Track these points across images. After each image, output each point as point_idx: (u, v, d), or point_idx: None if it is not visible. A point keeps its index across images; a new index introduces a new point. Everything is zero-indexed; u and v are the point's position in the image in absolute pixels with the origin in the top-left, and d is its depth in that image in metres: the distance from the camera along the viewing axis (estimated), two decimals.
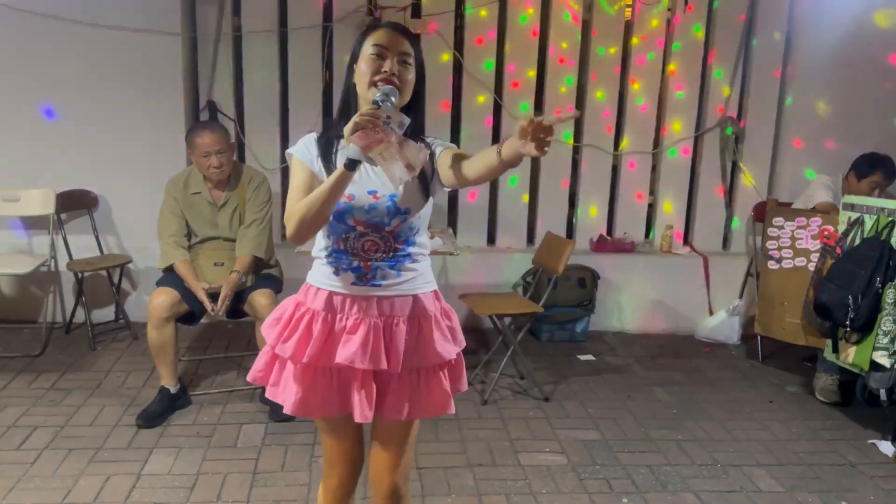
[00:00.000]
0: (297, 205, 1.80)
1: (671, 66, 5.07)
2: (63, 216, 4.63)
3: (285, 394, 1.91)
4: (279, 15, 4.78)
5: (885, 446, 3.47)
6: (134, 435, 3.37)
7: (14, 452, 3.18)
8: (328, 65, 4.83)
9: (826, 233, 4.00)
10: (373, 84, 1.81)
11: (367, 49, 1.84)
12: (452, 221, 5.19)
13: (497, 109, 5.03)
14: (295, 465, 3.15)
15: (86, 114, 4.62)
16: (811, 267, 4.17)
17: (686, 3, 4.87)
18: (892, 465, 3.36)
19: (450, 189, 1.99)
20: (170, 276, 3.60)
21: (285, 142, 4.97)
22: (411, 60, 1.86)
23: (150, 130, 4.66)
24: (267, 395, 1.97)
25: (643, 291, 5.14)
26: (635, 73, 5.07)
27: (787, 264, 4.40)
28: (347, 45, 4.97)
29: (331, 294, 1.89)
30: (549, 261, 4.16)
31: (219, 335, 4.69)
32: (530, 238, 5.28)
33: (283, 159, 4.92)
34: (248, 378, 2.04)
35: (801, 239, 4.34)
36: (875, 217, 3.63)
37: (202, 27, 4.73)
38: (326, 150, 1.90)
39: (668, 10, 5.02)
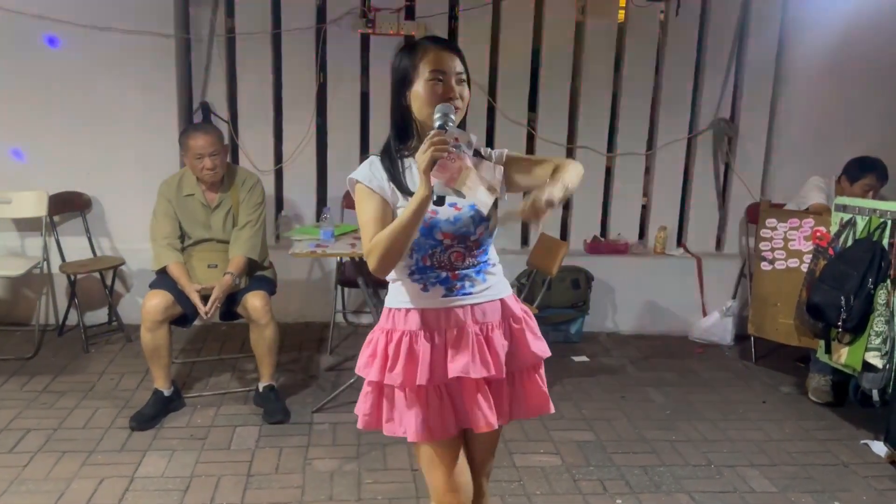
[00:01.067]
0: (378, 237, 1.78)
1: (665, 68, 5.08)
2: (56, 218, 4.61)
3: (405, 422, 1.89)
4: (272, 16, 4.77)
5: (878, 446, 3.49)
6: (127, 437, 3.36)
7: (6, 455, 3.17)
8: (322, 66, 4.83)
9: (818, 234, 4.01)
10: None
11: (425, 74, 1.82)
12: None
13: (491, 111, 5.03)
14: (289, 468, 3.15)
15: (79, 115, 4.61)
16: (804, 268, 4.19)
17: (678, 4, 4.88)
18: (885, 465, 3.37)
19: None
20: (163, 279, 3.59)
21: (279, 143, 4.96)
22: (465, 78, 1.87)
23: (144, 132, 4.65)
24: (385, 432, 1.94)
25: (637, 292, 5.15)
26: (628, 75, 5.08)
27: (779, 265, 4.42)
28: (341, 47, 5.00)
29: (423, 312, 1.89)
30: (543, 262, 4.17)
31: (212, 337, 4.68)
32: (524, 239, 5.29)
33: (277, 160, 4.93)
34: (360, 426, 1.98)
35: (794, 240, 4.35)
36: (867, 218, 3.65)
37: (195, 29, 4.73)
38: (394, 173, 1.87)
39: (661, 12, 5.03)
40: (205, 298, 3.50)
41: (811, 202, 4.39)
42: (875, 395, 3.48)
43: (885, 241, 3.52)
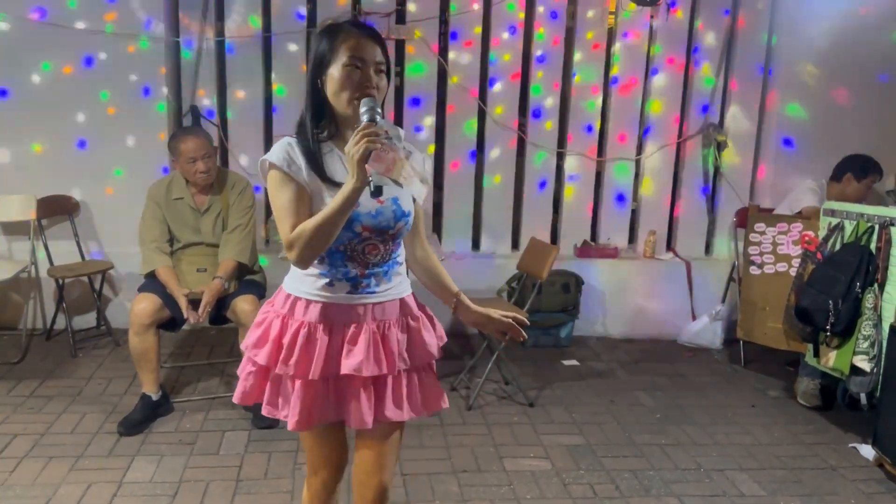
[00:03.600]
0: (302, 228, 1.73)
1: (654, 73, 5.10)
2: (44, 222, 4.58)
3: (289, 410, 1.89)
4: (262, 20, 4.76)
5: (866, 450, 3.50)
6: (115, 442, 3.34)
7: None
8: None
9: (807, 238, 4.04)
10: (354, 99, 1.77)
11: (342, 58, 1.78)
12: (437, 227, 5.19)
13: (481, 115, 5.04)
14: (278, 473, 3.13)
15: (67, 119, 4.59)
16: (792, 272, 4.21)
17: (668, 9, 4.90)
18: (873, 468, 3.39)
19: None
20: (152, 283, 3.58)
21: (269, 147, 4.92)
22: (385, 68, 1.82)
23: (133, 135, 4.63)
24: (264, 412, 1.95)
25: (627, 297, 5.16)
26: (618, 79, 5.10)
27: (768, 269, 4.44)
28: None
29: (325, 305, 1.87)
30: (533, 266, 4.17)
31: (201, 341, 4.66)
32: (515, 243, 5.29)
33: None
34: (235, 399, 2.02)
35: (783, 244, 4.38)
36: (855, 223, 3.67)
37: (185, 32, 4.71)
38: (313, 158, 1.83)
39: (652, 16, 5.06)
40: (193, 303, 3.49)
41: (804, 205, 4.42)
42: (863, 398, 3.50)
43: (873, 246, 3.54)
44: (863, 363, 3.46)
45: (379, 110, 1.72)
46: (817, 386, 4.02)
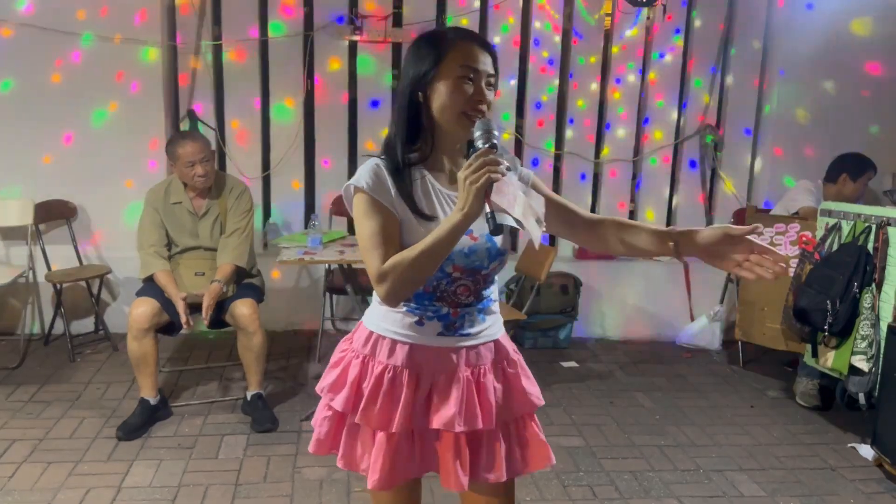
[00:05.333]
0: (397, 261, 1.52)
1: (651, 75, 5.11)
2: (41, 226, 4.58)
3: (369, 465, 1.68)
4: (259, 24, 4.77)
5: (865, 450, 3.50)
6: (114, 447, 3.34)
7: None
8: (309, 73, 4.82)
9: (805, 238, 4.04)
10: (463, 115, 1.57)
11: (453, 68, 1.57)
12: None
13: None
14: (277, 477, 3.13)
15: (65, 123, 4.58)
16: (790, 272, 4.21)
17: (664, 11, 4.91)
18: (872, 468, 3.39)
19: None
20: (150, 287, 3.57)
21: (266, 150, 4.95)
22: (495, 82, 1.63)
23: (130, 140, 4.63)
24: (339, 464, 1.76)
25: (625, 298, 5.17)
26: (615, 80, 5.11)
27: None
28: (328, 54, 4.99)
29: (412, 347, 1.66)
30: (531, 268, 4.17)
31: (200, 345, 4.65)
32: (513, 245, 5.26)
33: (265, 167, 4.92)
34: (311, 449, 1.80)
35: (780, 245, 4.38)
36: (852, 223, 3.68)
37: (182, 36, 4.71)
38: (402, 185, 1.61)
39: (648, 18, 5.07)
40: (191, 306, 3.48)
41: (800, 205, 4.42)
42: (861, 398, 3.50)
43: (870, 246, 3.54)
44: (861, 363, 3.47)
45: (497, 133, 1.51)
46: (816, 386, 4.02)
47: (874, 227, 3.54)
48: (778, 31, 5.05)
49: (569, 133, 5.14)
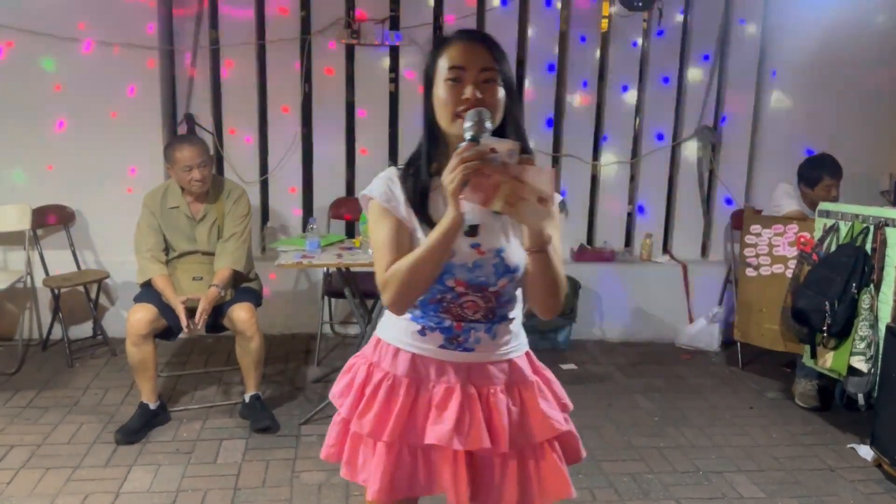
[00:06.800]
0: (395, 269, 1.51)
1: (647, 77, 5.11)
2: (39, 231, 4.58)
3: (369, 475, 1.64)
4: (257, 28, 4.77)
5: (864, 450, 3.50)
6: (112, 452, 3.33)
7: None
8: (307, 77, 4.83)
9: (802, 240, 4.04)
10: (457, 116, 1.51)
11: (443, 71, 1.54)
12: None
13: None
14: (276, 481, 3.12)
15: (62, 128, 4.58)
16: (788, 274, 4.21)
17: (661, 14, 4.92)
18: (871, 468, 3.39)
19: None
20: (148, 292, 3.57)
21: (264, 154, 4.95)
22: (496, 75, 1.54)
23: (128, 144, 4.63)
24: (342, 474, 1.71)
25: (624, 300, 5.17)
26: (612, 83, 5.11)
27: (764, 271, 4.44)
28: (326, 58, 5.00)
29: (414, 357, 1.63)
30: None
31: (198, 350, 4.65)
32: None
33: (262, 171, 4.92)
34: (322, 455, 1.77)
35: (779, 246, 4.38)
36: (850, 224, 3.68)
37: (179, 40, 4.72)
38: (415, 194, 1.59)
39: (644, 20, 5.07)
40: (190, 310, 3.48)
41: (785, 210, 4.41)
42: (860, 399, 3.50)
43: (868, 246, 3.55)
44: (860, 364, 3.47)
45: (488, 124, 1.44)
46: (815, 387, 4.02)
47: (872, 227, 3.54)
48: (775, 32, 5.06)
49: (566, 135, 5.14)
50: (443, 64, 1.54)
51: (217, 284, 3.55)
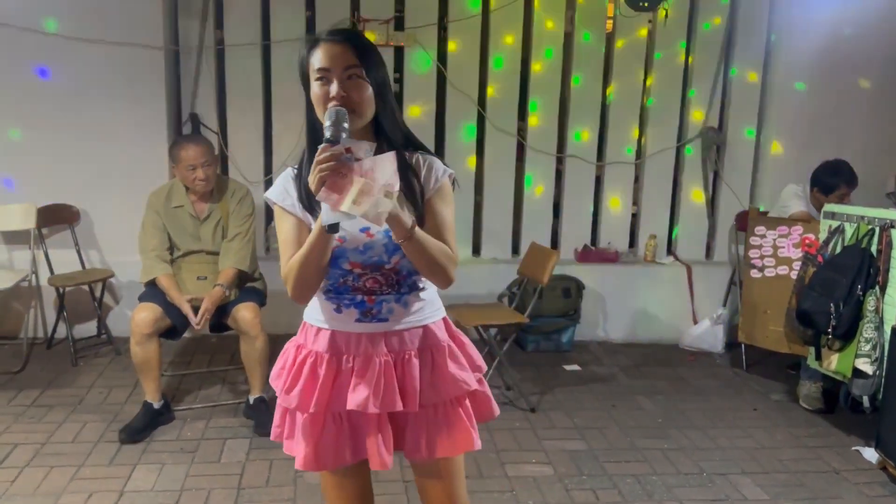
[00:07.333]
0: (290, 265, 1.65)
1: (652, 77, 5.11)
2: (44, 231, 4.59)
3: (297, 447, 1.78)
4: (262, 27, 4.78)
5: (869, 453, 3.49)
6: (116, 451, 3.34)
7: None
8: None
9: (807, 241, 4.04)
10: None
11: (312, 74, 1.63)
12: None
13: (481, 120, 5.04)
14: (280, 481, 3.13)
15: (67, 127, 4.59)
16: (793, 275, 4.21)
17: (666, 14, 4.91)
18: (876, 471, 3.38)
19: None
20: (152, 291, 3.58)
21: (269, 155, 4.96)
22: (361, 72, 1.61)
23: (133, 144, 4.64)
24: (285, 450, 1.84)
25: (628, 301, 5.16)
26: (616, 84, 5.11)
27: (769, 273, 4.43)
28: None
29: (333, 333, 1.74)
30: (533, 271, 4.17)
31: (202, 349, 4.65)
32: (515, 249, 5.29)
33: (267, 171, 4.93)
34: (271, 437, 1.90)
35: (783, 247, 4.37)
36: (855, 225, 3.67)
37: (185, 40, 4.72)
38: (302, 192, 1.70)
39: (649, 21, 5.07)
40: (195, 309, 3.48)
41: (793, 211, 4.40)
42: (865, 401, 3.49)
43: (874, 248, 3.54)
44: (865, 366, 3.46)
45: (345, 125, 1.53)
46: (819, 389, 4.01)
47: (878, 229, 3.53)
48: (781, 33, 5.05)
49: (571, 136, 5.14)
50: (312, 65, 1.63)
51: (222, 284, 3.55)
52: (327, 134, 1.52)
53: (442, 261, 1.67)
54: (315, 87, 1.62)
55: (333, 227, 1.51)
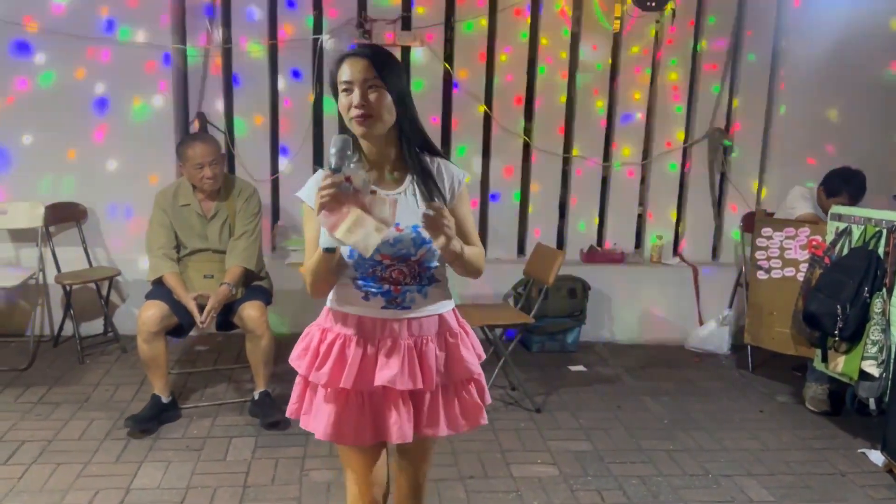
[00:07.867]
0: (307, 267, 1.85)
1: (660, 79, 5.10)
2: (51, 229, 4.60)
3: (317, 420, 1.92)
4: (269, 27, 4.78)
5: (875, 455, 3.48)
6: (123, 448, 3.35)
7: (1, 467, 3.15)
8: (318, 77, 4.83)
9: (814, 243, 4.02)
10: (353, 121, 1.82)
11: (339, 85, 1.84)
12: None
13: (487, 121, 5.04)
14: (285, 479, 3.13)
15: (75, 126, 4.61)
16: (800, 277, 4.20)
17: (674, 15, 4.90)
18: (882, 474, 3.37)
19: None
20: (159, 289, 3.59)
21: (275, 154, 4.96)
22: (379, 83, 1.81)
23: (140, 142, 4.65)
24: (301, 425, 1.99)
25: (633, 302, 5.15)
26: (625, 85, 5.10)
27: (776, 274, 4.42)
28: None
29: (361, 319, 1.90)
30: (539, 271, 4.17)
31: (208, 347, 4.66)
32: (521, 249, 5.29)
33: (274, 170, 4.94)
34: (287, 413, 2.07)
35: (790, 249, 4.36)
36: (862, 227, 3.66)
37: (192, 39, 4.73)
38: None
39: (657, 22, 5.06)
40: (201, 307, 3.49)
41: (799, 212, 4.39)
42: (872, 403, 3.48)
43: (881, 250, 3.53)
44: (871, 368, 3.45)
45: (349, 152, 1.71)
46: (825, 391, 4.00)
47: (885, 231, 3.52)
48: (789, 33, 5.03)
49: (577, 137, 5.13)
50: (339, 77, 1.84)
51: (228, 282, 3.56)
52: (331, 161, 1.69)
53: (478, 263, 1.96)
54: (341, 97, 1.84)
55: (330, 249, 1.73)
